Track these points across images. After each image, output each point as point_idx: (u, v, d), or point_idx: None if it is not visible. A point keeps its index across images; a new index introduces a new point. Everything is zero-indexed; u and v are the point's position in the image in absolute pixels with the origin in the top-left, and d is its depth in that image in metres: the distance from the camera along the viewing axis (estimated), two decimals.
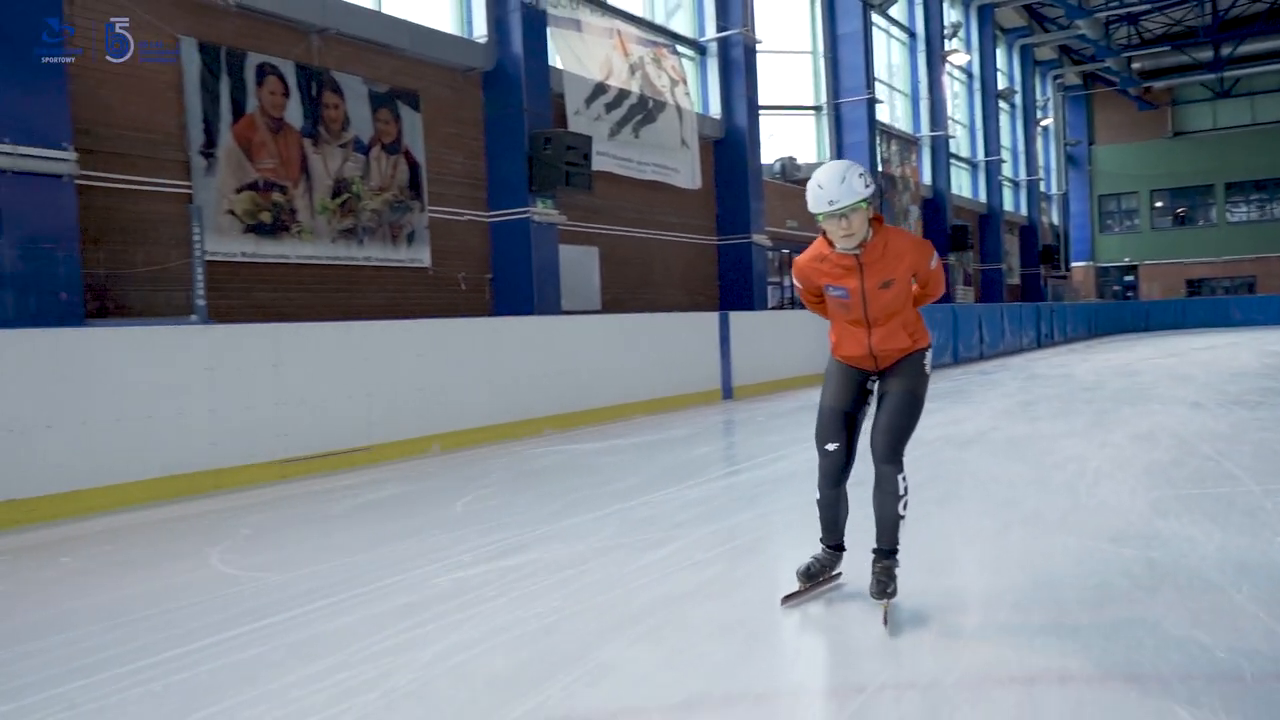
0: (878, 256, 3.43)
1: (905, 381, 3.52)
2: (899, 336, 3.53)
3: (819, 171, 3.38)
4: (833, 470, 3.62)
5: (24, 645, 3.59)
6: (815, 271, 3.58)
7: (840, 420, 3.61)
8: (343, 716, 2.80)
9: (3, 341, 6.02)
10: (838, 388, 3.63)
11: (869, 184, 3.33)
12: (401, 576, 4.35)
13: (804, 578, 3.70)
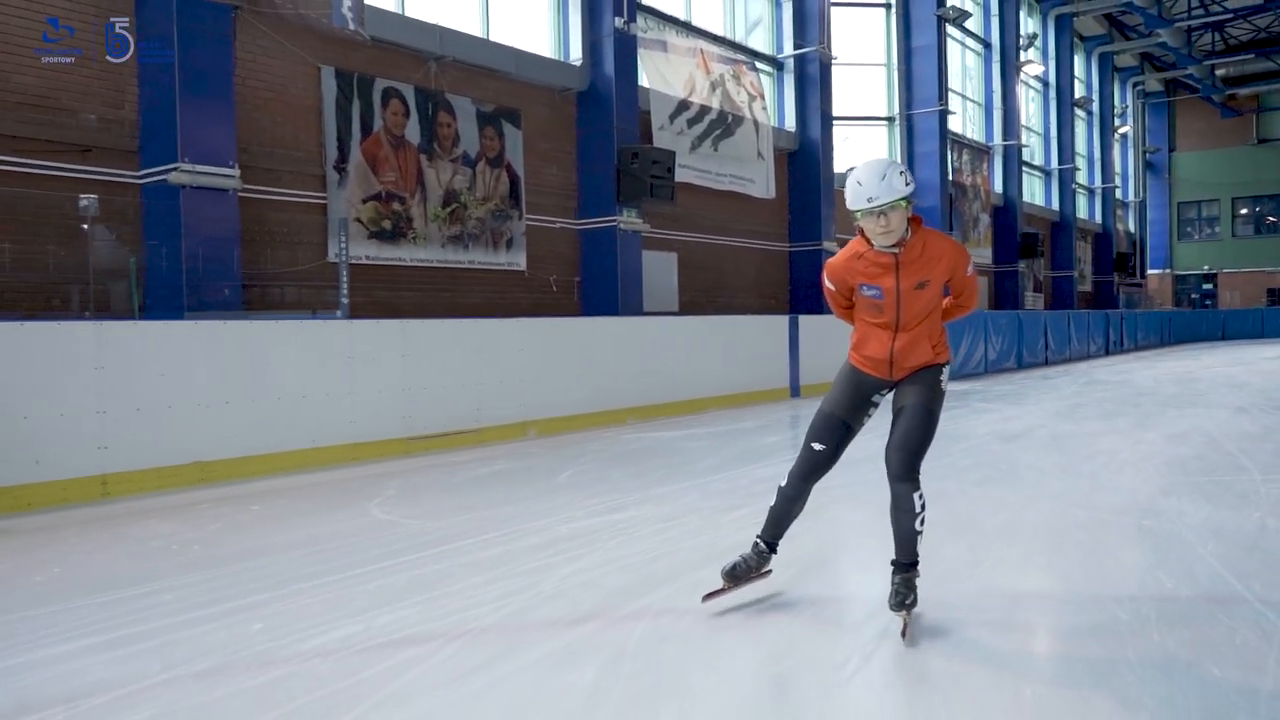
0: (916, 256, 3.40)
1: (921, 396, 3.47)
2: (922, 347, 3.50)
3: (859, 168, 3.36)
4: (809, 468, 3.62)
5: (241, 564, 4.75)
6: (850, 270, 3.54)
7: (837, 427, 3.59)
8: (506, 608, 3.88)
9: (191, 331, 7.31)
10: (843, 395, 3.61)
11: (909, 182, 3.32)
12: (528, 525, 5.44)
13: (729, 578, 3.72)
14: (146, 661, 3.31)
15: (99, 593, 4.20)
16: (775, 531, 3.78)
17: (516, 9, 13.12)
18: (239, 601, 4.03)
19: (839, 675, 3.10)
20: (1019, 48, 27.38)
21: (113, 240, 8.63)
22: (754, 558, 3.76)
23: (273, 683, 3.10)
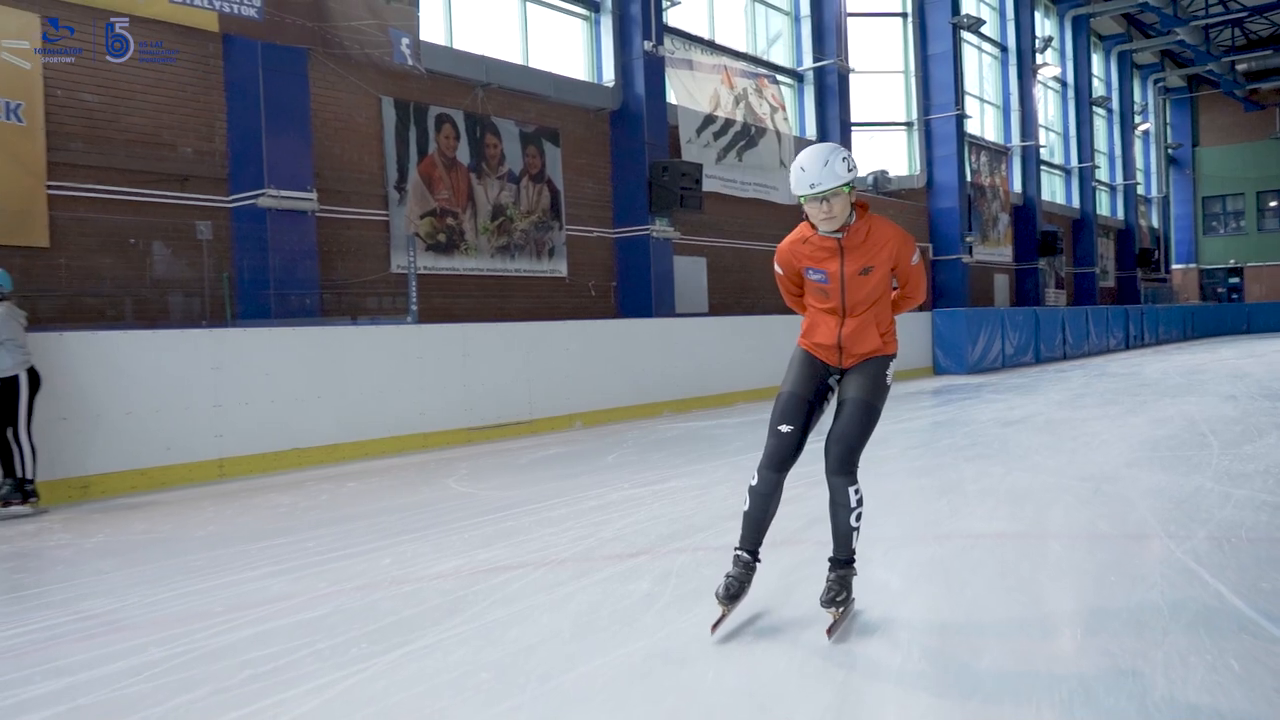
0: (859, 241, 3.43)
1: (864, 390, 3.48)
2: (869, 334, 3.51)
3: (802, 154, 3.39)
4: (780, 453, 3.49)
5: (356, 523, 5.86)
6: (796, 254, 3.58)
7: (800, 406, 3.53)
8: (576, 547, 4.93)
9: (288, 336, 8.47)
10: (800, 376, 3.58)
11: (852, 168, 3.34)
12: (584, 493, 6.52)
13: (727, 601, 3.49)
14: (313, 582, 4.42)
15: (256, 541, 5.34)
16: (755, 538, 3.56)
17: (553, 37, 14.21)
18: (365, 546, 5.14)
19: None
20: (1035, 50, 28.12)
21: (187, 258, 9.81)
22: (741, 572, 3.53)
23: (412, 592, 4.19)
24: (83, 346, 7.21)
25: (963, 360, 18.23)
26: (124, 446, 7.33)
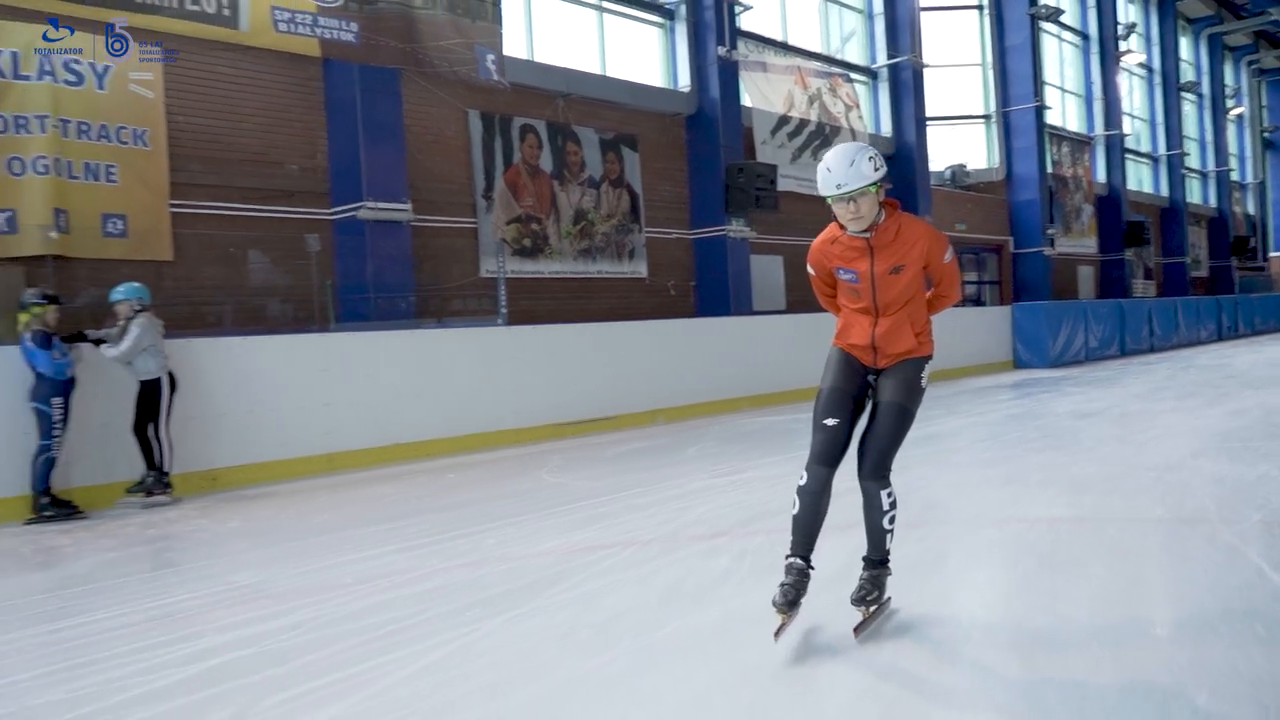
0: (889, 240, 3.41)
1: (899, 393, 3.48)
2: (904, 333, 3.48)
3: (829, 155, 3.38)
4: (829, 447, 3.45)
5: (458, 510, 6.41)
6: (827, 254, 3.56)
7: (843, 399, 3.51)
8: (661, 530, 5.38)
9: (389, 338, 9.11)
10: (839, 372, 3.57)
11: (878, 168, 3.31)
12: (667, 483, 6.96)
13: (786, 609, 3.34)
14: (426, 559, 4.96)
15: (369, 525, 5.92)
16: (807, 543, 3.45)
17: (630, 45, 14.69)
18: (470, 529, 5.67)
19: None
20: (1118, 38, 27.63)
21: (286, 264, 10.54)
22: (796, 579, 3.39)
23: (515, 568, 4.69)
24: (208, 351, 7.93)
25: (1044, 354, 18.16)
26: (245, 442, 8.04)
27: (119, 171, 9.12)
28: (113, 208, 9.10)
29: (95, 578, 5.09)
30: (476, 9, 11.38)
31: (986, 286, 23.96)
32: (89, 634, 3.96)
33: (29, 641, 3.99)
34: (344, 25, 10.10)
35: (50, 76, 8.65)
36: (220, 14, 9.32)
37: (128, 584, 4.92)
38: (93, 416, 7.06)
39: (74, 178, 8.80)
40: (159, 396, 7.15)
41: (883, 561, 3.59)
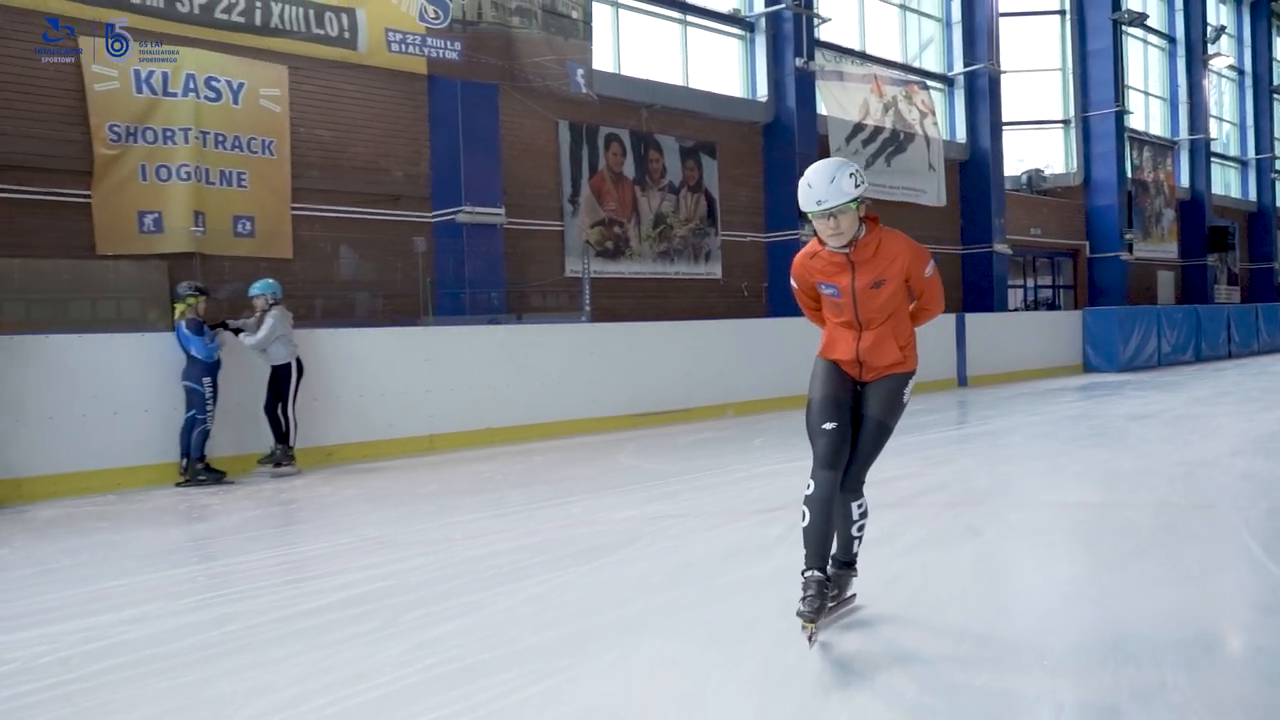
0: (869, 255, 3.44)
1: (881, 409, 3.53)
2: (888, 346, 3.53)
3: (810, 170, 3.38)
4: (832, 451, 3.45)
5: (547, 485, 7.25)
6: (808, 269, 3.61)
7: (837, 404, 3.53)
8: (724, 505, 6.12)
9: (484, 332, 10.02)
10: (828, 380, 3.59)
11: (859, 184, 3.33)
12: (733, 469, 7.70)
13: (812, 617, 3.30)
14: (523, 522, 5.81)
15: (470, 496, 6.80)
16: (821, 554, 3.42)
17: (711, 57, 15.41)
18: (558, 500, 6.51)
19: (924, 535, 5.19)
20: (1206, 40, 27.33)
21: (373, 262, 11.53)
22: (817, 591, 3.34)
23: (599, 530, 5.49)
24: (328, 341, 8.91)
25: (1114, 358, 18.35)
26: (357, 423, 9.01)
27: (249, 178, 10.20)
28: (242, 210, 10.19)
29: (244, 529, 6.05)
30: (569, 27, 12.24)
31: (1061, 291, 24.07)
32: (248, 570, 4.88)
33: (201, 575, 4.93)
34: (448, 45, 11.04)
35: (194, 94, 9.75)
36: (341, 37, 10.32)
37: (273, 534, 5.88)
38: (230, 396, 8.07)
39: (210, 184, 9.90)
40: (288, 380, 8.14)
41: (849, 564, 3.76)
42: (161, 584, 4.70)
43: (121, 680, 3.31)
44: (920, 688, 2.99)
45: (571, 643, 3.52)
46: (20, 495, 7.10)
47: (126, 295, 9.55)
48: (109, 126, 9.34)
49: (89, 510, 6.69)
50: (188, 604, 4.31)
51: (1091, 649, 3.26)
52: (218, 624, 3.94)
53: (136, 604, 4.29)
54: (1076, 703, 2.84)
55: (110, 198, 9.37)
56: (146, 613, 4.15)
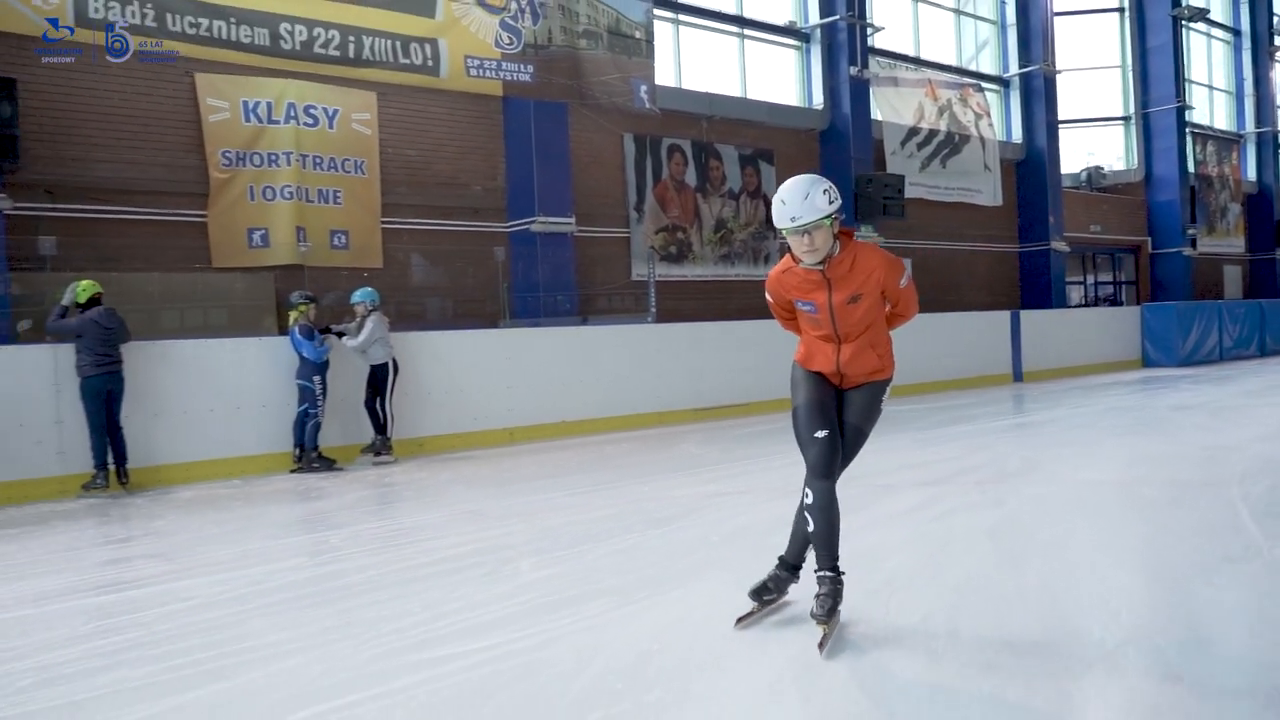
0: (844, 272, 3.43)
1: (860, 416, 3.61)
2: (867, 356, 3.56)
3: (783, 187, 3.39)
4: (825, 460, 3.48)
5: (619, 470, 8.04)
6: (783, 285, 3.60)
7: (825, 410, 3.56)
8: (782, 483, 6.82)
9: (557, 333, 10.89)
10: (812, 386, 3.62)
11: (833, 200, 3.33)
12: (785, 455, 8.27)
13: (826, 619, 3.45)
14: (595, 499, 6.62)
15: (549, 478, 7.64)
16: (831, 555, 3.55)
17: (768, 67, 16.10)
18: (627, 482, 7.32)
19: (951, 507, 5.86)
20: (1272, 32, 27.12)
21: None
22: (831, 588, 3.52)
23: (664, 504, 6.27)
24: (418, 342, 9.84)
25: (1173, 353, 18.54)
26: (445, 416, 9.92)
27: (343, 195, 11.21)
28: (338, 225, 11.20)
29: (357, 506, 6.97)
30: (632, 47, 13.05)
31: (1124, 287, 24.18)
32: (368, 535, 5.77)
33: (332, 539, 5.83)
34: (522, 68, 11.93)
35: (294, 121, 10.78)
36: (425, 64, 11.27)
37: (382, 509, 6.80)
38: (336, 392, 9.03)
39: (310, 202, 10.92)
40: (386, 378, 9.07)
41: (796, 569, 3.84)
42: (300, 545, 5.62)
43: (288, 609, 4.20)
44: (928, 610, 3.70)
45: (645, 584, 4.31)
46: (159, 480, 8.13)
47: (239, 303, 10.60)
48: (221, 153, 10.42)
49: (221, 492, 7.68)
50: (326, 559, 5.21)
51: (1072, 590, 3.94)
52: (356, 571, 4.82)
53: (285, 559, 5.20)
54: (1048, 628, 3.54)
55: (223, 217, 10.44)
56: (295, 564, 5.06)
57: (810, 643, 3.37)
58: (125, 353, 7.84)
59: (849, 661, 3.27)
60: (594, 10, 12.67)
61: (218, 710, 3.07)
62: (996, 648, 3.32)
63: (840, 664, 3.26)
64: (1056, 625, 3.53)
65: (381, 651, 3.52)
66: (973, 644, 3.36)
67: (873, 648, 3.37)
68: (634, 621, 3.77)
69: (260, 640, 3.75)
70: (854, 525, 5.04)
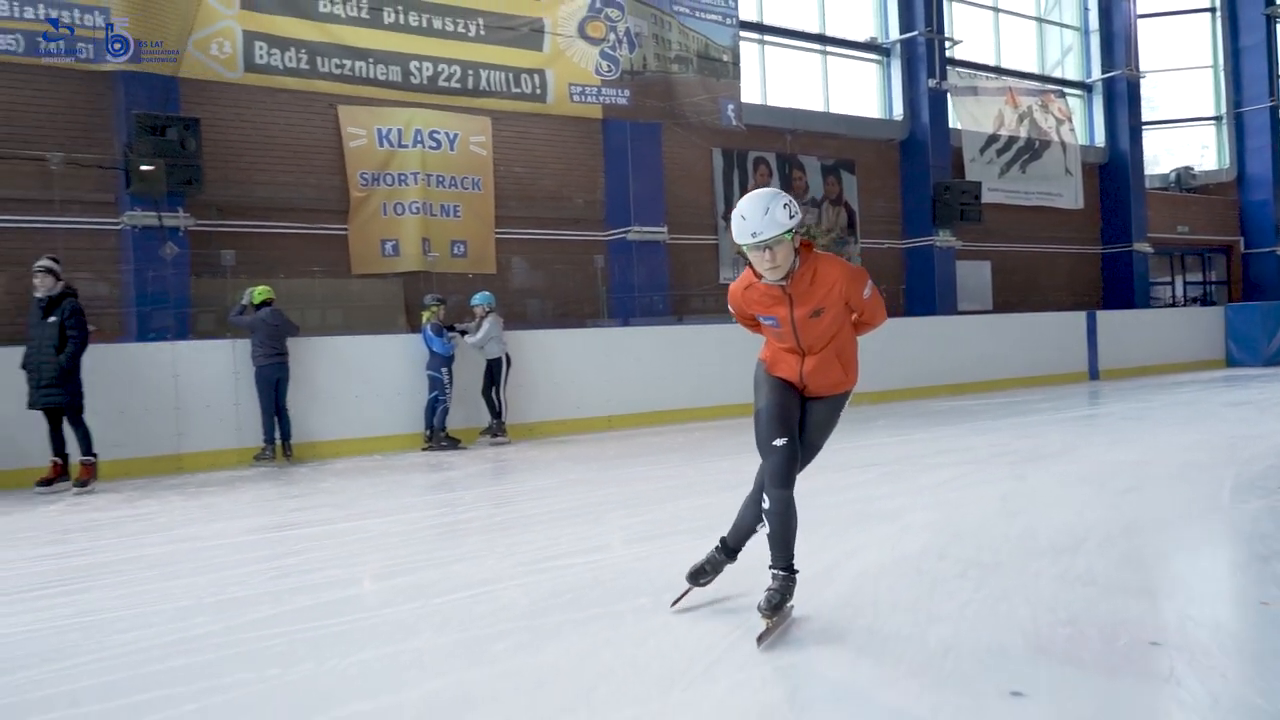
0: (805, 286, 3.41)
1: (817, 429, 3.67)
2: (832, 368, 3.56)
3: (742, 202, 3.35)
4: (784, 466, 3.50)
5: (706, 448, 9.22)
6: (745, 301, 3.60)
7: (787, 416, 3.56)
8: (840, 462, 7.94)
9: (651, 332, 12.15)
10: (775, 390, 3.62)
11: (794, 214, 3.29)
12: (859, 441, 9.46)
13: (771, 613, 3.49)
14: (685, 470, 7.84)
15: (647, 456, 8.89)
16: (787, 553, 3.56)
17: (849, 81, 17.06)
18: (710, 459, 8.53)
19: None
20: None
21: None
22: (783, 586, 3.54)
23: (744, 476, 7.43)
24: (528, 340, 11.20)
25: (1257, 352, 18.77)
26: (550, 404, 11.27)
27: (462, 209, 12.68)
28: (457, 236, 12.67)
29: (483, 475, 8.34)
30: (720, 69, 14.22)
31: (1214, 287, 24.22)
32: (496, 495, 7.13)
33: (467, 497, 7.19)
34: (619, 92, 13.22)
35: (420, 145, 12.29)
36: (533, 93, 12.66)
37: (503, 478, 8.15)
38: (459, 382, 10.44)
39: (433, 215, 12.41)
40: (500, 370, 10.45)
41: (736, 552, 3.92)
42: (441, 500, 7.01)
43: (445, 538, 5.56)
44: (944, 545, 4.80)
45: (715, 529, 5.48)
46: (316, 454, 9.67)
47: (374, 305, 12.16)
48: (359, 174, 11.98)
49: (367, 464, 9.15)
50: (463, 508, 6.59)
51: (1065, 537, 4.98)
52: (487, 517, 6.17)
53: (431, 509, 6.59)
54: (1034, 568, 4.60)
55: (361, 230, 12.01)
56: (440, 512, 6.45)
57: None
58: (291, 346, 9.39)
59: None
60: (685, 37, 13.88)
61: (425, 588, 4.37)
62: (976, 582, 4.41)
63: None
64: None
65: (517, 562, 4.81)
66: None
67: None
68: (699, 554, 4.96)
69: (430, 555, 5.09)
70: (879, 493, 6.19)
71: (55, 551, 5.69)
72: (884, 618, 3.67)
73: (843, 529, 5.28)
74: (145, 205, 10.15)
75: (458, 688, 3.10)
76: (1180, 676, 2.93)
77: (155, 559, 5.27)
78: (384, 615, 3.96)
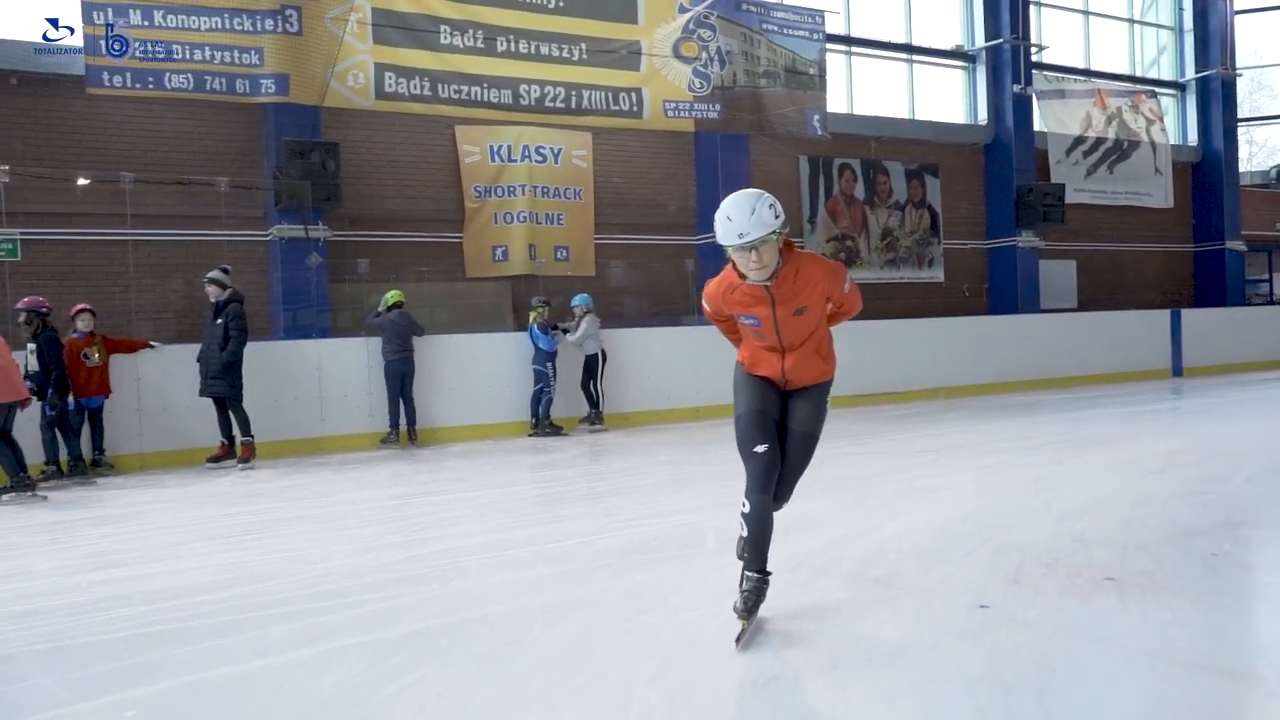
0: (789, 285, 3.44)
1: (808, 422, 3.66)
2: (812, 361, 3.61)
3: (726, 202, 3.38)
4: (764, 473, 3.55)
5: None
6: (726, 302, 3.60)
7: (767, 423, 3.60)
8: (900, 449, 8.79)
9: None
10: (757, 393, 3.65)
11: (779, 215, 3.33)
12: (928, 430, 10.28)
13: (746, 614, 3.59)
14: None
15: (733, 441, 9.85)
16: (760, 558, 3.65)
17: (934, 88, 17.66)
18: None
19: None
20: None
21: None
22: (755, 586, 3.64)
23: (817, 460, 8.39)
24: (623, 338, 12.30)
25: None
26: (645, 396, 12.35)
27: (564, 217, 13.86)
28: (560, 242, 13.86)
29: (583, 457, 9.47)
30: (807, 82, 15.07)
31: None
32: (597, 473, 8.24)
33: (570, 474, 8.30)
34: (710, 107, 14.22)
35: (528, 159, 13.52)
36: (630, 110, 13.75)
37: (602, 459, 9.26)
38: (561, 376, 11.59)
39: (539, 224, 13.62)
40: (597, 365, 11.58)
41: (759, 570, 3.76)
42: (549, 476, 8.17)
43: (555, 504, 6.69)
44: (969, 510, 5.68)
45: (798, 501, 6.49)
46: (436, 439, 10.96)
47: (486, 305, 13.44)
48: (474, 187, 13.27)
49: (480, 448, 10.38)
50: (568, 483, 7.74)
51: (1076, 506, 5.80)
52: (590, 488, 7.30)
53: (541, 484, 7.76)
54: (1039, 528, 5.44)
55: (474, 238, 13.29)
56: (548, 484, 7.61)
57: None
58: (417, 344, 10.69)
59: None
60: (773, 53, 14.78)
61: (538, 538, 5.46)
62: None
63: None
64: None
65: (612, 520, 5.89)
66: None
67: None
68: None
69: (541, 515, 6.24)
70: (927, 473, 7.07)
71: (240, 510, 7.03)
72: (899, 563, 4.61)
73: (885, 501, 6.20)
74: (292, 219, 11.60)
75: (567, 600, 4.19)
76: (1123, 599, 3.81)
77: (323, 517, 6.54)
78: (509, 554, 5.09)
